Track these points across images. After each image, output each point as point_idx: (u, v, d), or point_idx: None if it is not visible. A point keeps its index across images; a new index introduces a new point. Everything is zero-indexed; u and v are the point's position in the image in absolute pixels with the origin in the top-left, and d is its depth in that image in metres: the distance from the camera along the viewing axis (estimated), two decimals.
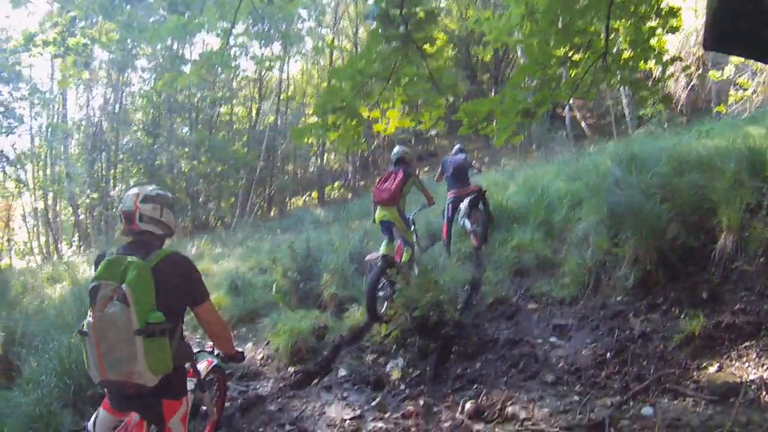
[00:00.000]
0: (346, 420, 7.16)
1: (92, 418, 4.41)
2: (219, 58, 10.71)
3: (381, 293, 10.31)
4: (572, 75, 7.65)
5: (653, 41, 7.32)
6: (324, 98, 7.26)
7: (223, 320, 4.94)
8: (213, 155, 35.87)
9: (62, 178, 32.82)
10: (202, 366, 5.78)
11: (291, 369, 9.11)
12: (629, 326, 7.61)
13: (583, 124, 31.78)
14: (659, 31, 7.22)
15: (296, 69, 51.65)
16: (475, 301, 10.16)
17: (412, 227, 10.97)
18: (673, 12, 7.11)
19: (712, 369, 6.18)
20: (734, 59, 15.17)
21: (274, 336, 9.85)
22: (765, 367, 5.95)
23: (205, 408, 5.79)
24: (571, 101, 17.41)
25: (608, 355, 7.07)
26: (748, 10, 2.09)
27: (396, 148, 10.97)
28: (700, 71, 20.15)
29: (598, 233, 9.38)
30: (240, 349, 5.14)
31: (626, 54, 7.50)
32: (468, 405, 6.76)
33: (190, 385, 5.17)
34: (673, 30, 7.23)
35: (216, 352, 5.29)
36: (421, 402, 7.15)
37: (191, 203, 35.84)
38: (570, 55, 7.30)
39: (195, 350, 5.37)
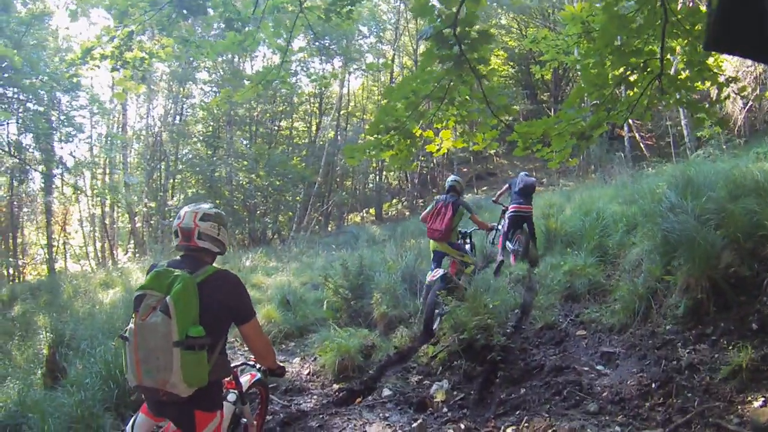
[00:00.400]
0: None
1: (131, 421, 4.60)
2: (276, 74, 10.75)
3: (436, 310, 10.33)
4: (628, 96, 7.56)
5: (710, 61, 7.21)
6: (378, 117, 7.28)
7: (266, 337, 5.08)
8: (271, 169, 36.05)
9: (120, 187, 33.26)
10: (245, 379, 5.86)
11: (336, 386, 9.10)
12: (677, 356, 7.40)
13: (642, 145, 31.38)
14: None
15: (357, 84, 51.87)
16: (524, 326, 10.07)
17: (467, 247, 11.13)
18: None
19: (757, 403, 5.97)
20: None
21: (321, 352, 9.87)
22: None
23: (245, 420, 5.79)
24: (630, 121, 17.25)
25: (654, 385, 6.91)
26: (749, 10, 2.03)
27: (450, 178, 11.40)
28: (758, 91, 19.79)
29: (651, 260, 9.24)
30: (281, 364, 5.30)
31: (682, 75, 7.39)
32: (509, 431, 6.69)
33: (232, 396, 5.38)
34: None
35: (258, 365, 5.46)
36: (462, 426, 7.08)
37: (248, 216, 36.12)
38: (626, 76, 7.22)
39: (239, 363, 5.62)
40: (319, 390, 9.15)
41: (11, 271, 36.03)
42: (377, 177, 46.08)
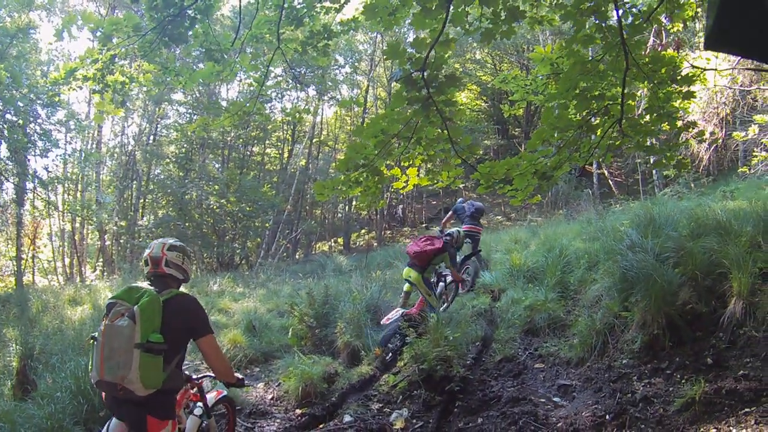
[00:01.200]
0: None
1: (105, 426, 5.10)
2: (252, 106, 10.93)
3: (391, 345, 10.64)
4: (589, 140, 7.76)
5: (675, 104, 7.44)
6: (348, 155, 7.42)
7: (222, 354, 5.54)
8: (242, 195, 36.06)
9: (92, 204, 33.19)
10: (211, 395, 6.37)
11: (298, 411, 9.20)
12: (632, 389, 7.57)
13: (611, 181, 31.64)
14: (676, 96, 7.34)
15: (330, 113, 52.01)
16: (484, 358, 10.23)
17: (435, 290, 11.41)
18: (690, 78, 7.23)
19: None
20: (758, 118, 15.11)
21: (285, 378, 9.96)
22: None
23: None
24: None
25: (608, 417, 7.04)
26: (749, 9, 2.19)
27: (459, 231, 12.69)
28: (723, 132, 20.02)
29: (610, 296, 9.47)
30: (240, 375, 5.72)
31: (644, 118, 7.61)
32: None
33: (198, 410, 5.97)
34: (689, 96, 7.34)
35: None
36: None
37: (217, 240, 35.94)
38: (588, 119, 7.42)
39: (202, 375, 6.20)
40: (283, 414, 9.27)
41: None
42: (347, 207, 46.20)
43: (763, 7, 2.17)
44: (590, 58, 7.47)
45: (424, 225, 30.05)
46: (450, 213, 15.60)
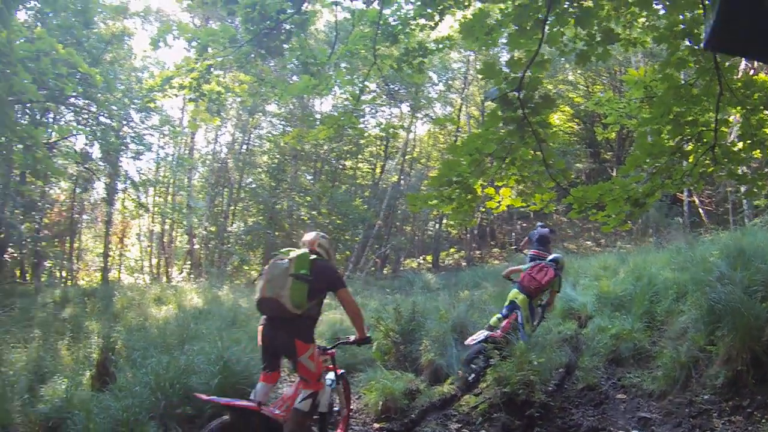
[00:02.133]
0: None
1: (253, 391, 6.89)
2: (347, 120, 11.01)
3: (474, 365, 10.55)
4: (682, 166, 7.66)
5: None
6: (442, 171, 7.53)
7: (356, 304, 7.11)
8: (334, 207, 36.39)
9: (182, 208, 33.74)
10: (331, 373, 7.80)
11: (376, 425, 9.24)
12: (711, 426, 7.43)
13: (701, 210, 31.00)
14: None
15: (423, 130, 51.87)
16: (566, 385, 10.12)
17: (535, 321, 11.36)
18: None
19: None
20: None
21: (366, 391, 10.05)
22: None
23: (338, 405, 8.12)
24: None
25: None
26: (751, 10, 2.18)
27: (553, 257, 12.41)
28: None
29: (696, 328, 9.30)
30: (369, 334, 7.44)
31: (737, 145, 7.49)
32: None
33: (329, 378, 7.64)
34: None
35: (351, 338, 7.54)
36: None
37: None
38: (681, 145, 7.34)
39: (336, 341, 8.27)
40: (360, 427, 9.30)
41: (65, 274, 36.72)
42: (437, 225, 45.83)
43: (763, 7, 2.16)
44: (683, 81, 7.39)
45: (513, 247, 29.80)
46: (525, 239, 16.82)
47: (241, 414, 6.24)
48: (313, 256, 6.82)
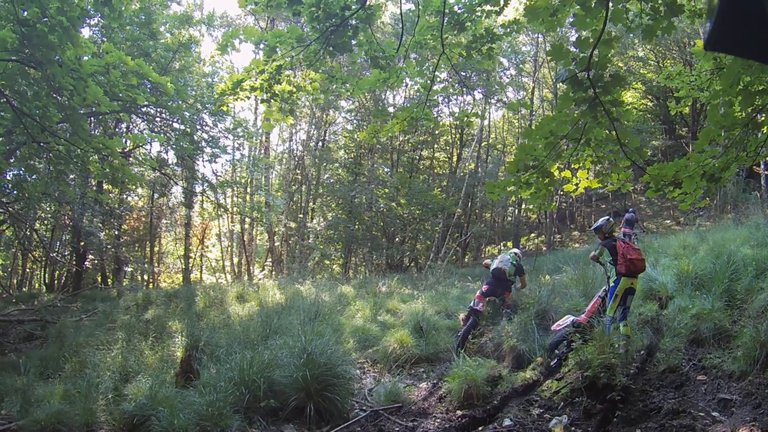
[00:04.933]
0: None
1: (471, 304, 13.25)
2: (420, 112, 11.07)
3: (558, 351, 10.70)
4: (755, 138, 7.57)
5: None
6: (518, 156, 7.56)
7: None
8: (412, 198, 36.45)
9: (261, 206, 34.33)
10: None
11: (459, 412, 9.34)
12: None
13: None
14: None
15: (498, 116, 51.86)
16: (647, 368, 10.06)
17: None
18: None
19: None
20: None
21: (449, 378, 10.15)
22: None
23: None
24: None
25: None
26: (749, 10, 2.19)
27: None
28: None
29: None
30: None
31: None
32: None
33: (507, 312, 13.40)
34: None
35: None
36: None
37: (386, 243, 36.60)
38: (752, 116, 7.26)
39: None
40: (443, 414, 9.43)
41: (146, 277, 37.93)
42: (516, 210, 46.14)
43: (762, 8, 2.17)
44: None
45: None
46: (623, 220, 19.39)
47: None
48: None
